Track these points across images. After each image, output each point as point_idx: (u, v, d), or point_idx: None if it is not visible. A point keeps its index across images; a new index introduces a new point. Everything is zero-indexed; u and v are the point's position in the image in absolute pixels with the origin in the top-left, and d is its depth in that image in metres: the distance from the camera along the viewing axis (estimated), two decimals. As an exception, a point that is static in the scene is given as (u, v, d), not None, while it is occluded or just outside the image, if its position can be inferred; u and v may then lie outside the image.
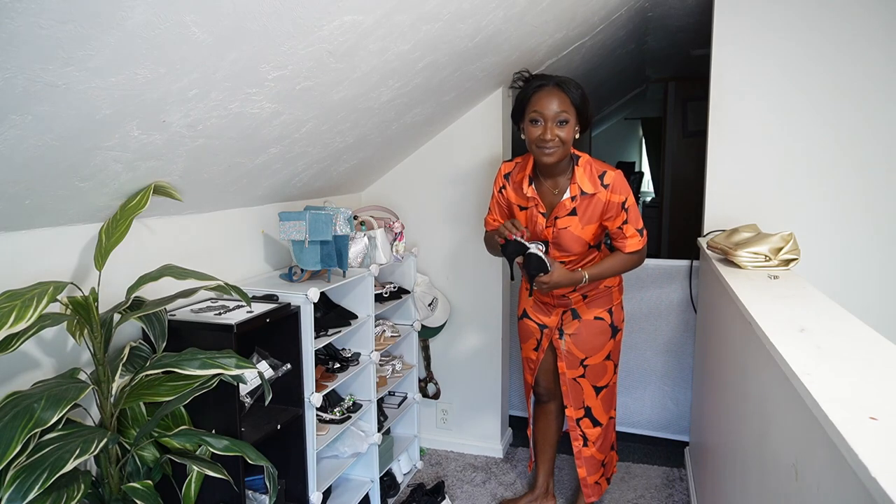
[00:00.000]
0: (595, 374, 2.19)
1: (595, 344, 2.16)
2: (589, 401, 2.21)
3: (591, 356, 2.17)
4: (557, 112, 1.88)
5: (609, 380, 2.22)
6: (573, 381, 2.20)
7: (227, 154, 1.64)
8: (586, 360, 2.17)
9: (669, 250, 5.91)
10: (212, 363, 1.35)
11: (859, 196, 2.44)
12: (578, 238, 2.02)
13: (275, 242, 2.29)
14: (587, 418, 2.22)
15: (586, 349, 2.17)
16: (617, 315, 2.18)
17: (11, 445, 1.06)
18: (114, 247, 1.42)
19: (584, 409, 2.22)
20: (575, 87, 1.92)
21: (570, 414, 2.23)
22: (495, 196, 2.16)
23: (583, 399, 2.21)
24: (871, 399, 0.87)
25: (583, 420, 2.22)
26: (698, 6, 2.94)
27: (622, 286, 2.24)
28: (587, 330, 2.16)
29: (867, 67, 2.36)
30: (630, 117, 8.50)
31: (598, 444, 2.25)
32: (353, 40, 1.48)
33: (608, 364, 2.20)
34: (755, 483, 1.31)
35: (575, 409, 2.22)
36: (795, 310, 1.41)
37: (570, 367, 2.19)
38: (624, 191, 1.97)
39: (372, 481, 2.39)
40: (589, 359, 2.17)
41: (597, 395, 2.20)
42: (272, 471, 1.46)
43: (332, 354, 2.25)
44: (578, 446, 2.25)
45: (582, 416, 2.22)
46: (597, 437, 2.23)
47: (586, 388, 2.20)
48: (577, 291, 2.13)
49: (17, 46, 0.90)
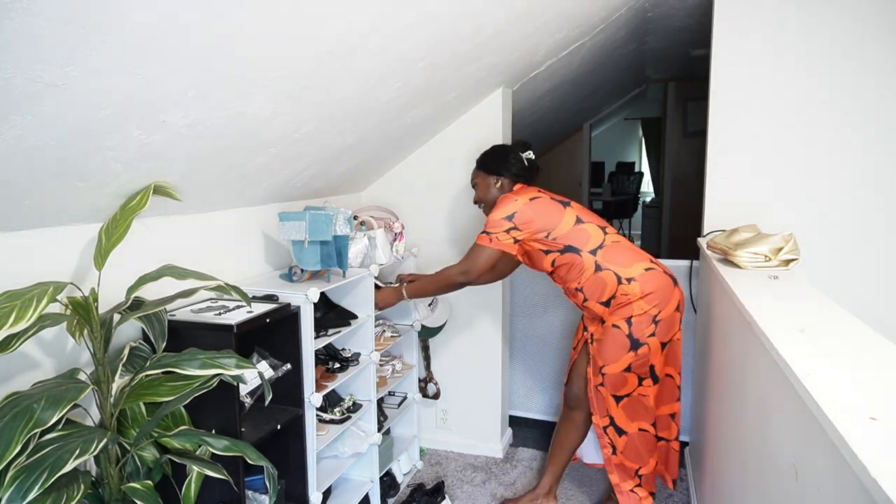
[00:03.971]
0: (613, 383, 2.16)
1: (611, 353, 2.13)
2: (611, 410, 2.19)
3: (608, 365, 2.14)
4: (471, 182, 2.40)
5: (631, 391, 2.17)
6: (596, 388, 2.20)
7: (227, 154, 1.64)
8: (604, 369, 2.16)
9: (669, 250, 5.91)
10: (212, 363, 1.35)
11: (859, 196, 2.44)
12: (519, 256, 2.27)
13: (275, 242, 2.29)
14: (612, 427, 2.21)
15: (605, 357, 2.15)
16: (638, 327, 2.09)
17: (11, 445, 1.06)
18: (114, 247, 1.42)
19: (609, 418, 2.21)
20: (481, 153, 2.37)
21: (596, 422, 2.24)
22: None
23: (606, 407, 2.20)
24: (870, 399, 0.87)
25: (609, 428, 2.21)
26: (698, 6, 2.94)
27: (651, 297, 2.09)
28: (605, 336, 2.15)
29: (867, 67, 2.36)
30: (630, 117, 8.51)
31: (628, 452, 2.22)
32: (353, 40, 1.49)
33: (628, 376, 2.14)
34: (755, 483, 1.31)
35: (600, 416, 2.22)
36: (795, 310, 1.40)
37: (594, 374, 2.19)
38: (495, 207, 2.21)
39: (372, 481, 2.39)
40: (606, 367, 2.15)
41: (617, 403, 2.18)
42: (272, 471, 1.46)
43: (332, 354, 2.25)
44: (608, 454, 2.24)
45: (608, 423, 2.21)
46: (624, 446, 2.21)
47: (607, 396, 2.18)
48: (591, 300, 2.16)
49: (17, 46, 0.90)
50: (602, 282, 2.13)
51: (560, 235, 2.14)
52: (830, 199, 2.47)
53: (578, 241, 2.14)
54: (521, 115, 3.52)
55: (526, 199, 2.16)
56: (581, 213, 2.19)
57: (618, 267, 2.11)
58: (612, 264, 2.12)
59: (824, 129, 2.44)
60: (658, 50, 4.11)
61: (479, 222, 2.75)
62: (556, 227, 2.14)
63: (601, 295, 2.14)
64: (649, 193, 8.84)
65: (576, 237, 2.14)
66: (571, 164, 6.43)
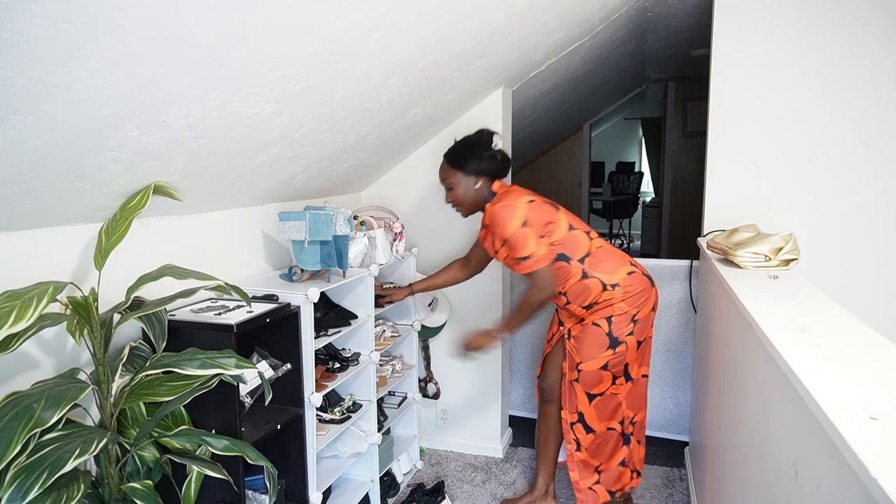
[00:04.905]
0: (589, 381, 2.16)
1: (589, 350, 2.14)
2: (582, 406, 2.20)
3: (585, 362, 2.15)
4: (442, 181, 2.25)
5: (604, 389, 2.17)
6: (570, 383, 2.21)
7: (227, 154, 1.64)
8: (581, 365, 2.16)
9: (669, 250, 5.91)
10: (212, 363, 1.35)
11: (859, 196, 2.44)
12: (503, 259, 2.20)
13: (275, 242, 2.29)
14: (580, 424, 2.21)
15: (582, 354, 2.16)
16: (618, 326, 2.11)
17: (11, 445, 1.06)
18: (113, 247, 1.42)
19: (578, 415, 2.21)
20: (451, 151, 2.21)
21: (564, 416, 2.24)
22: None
23: (577, 404, 2.20)
24: (871, 399, 0.87)
25: (576, 425, 2.22)
26: (698, 6, 2.94)
27: (631, 300, 2.10)
28: (584, 334, 2.16)
29: (867, 67, 2.36)
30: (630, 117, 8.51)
31: (593, 449, 2.23)
32: (353, 40, 1.49)
33: (604, 374, 2.15)
34: (755, 483, 1.31)
35: (570, 412, 2.22)
36: (795, 310, 1.41)
37: (569, 369, 2.20)
38: (500, 224, 2.08)
39: (372, 481, 2.39)
40: (583, 364, 2.16)
41: (590, 402, 2.18)
42: (272, 471, 1.46)
43: (332, 354, 2.25)
44: (571, 450, 2.24)
45: (576, 420, 2.21)
46: (590, 444, 2.22)
47: (580, 393, 2.18)
48: (573, 304, 2.15)
49: (17, 46, 0.90)
50: (587, 289, 2.12)
51: (556, 242, 2.11)
52: (830, 199, 2.47)
53: (569, 250, 2.11)
54: (521, 115, 3.52)
55: (523, 202, 2.08)
56: (570, 219, 2.17)
57: (603, 274, 2.11)
58: (598, 272, 2.11)
59: (824, 128, 2.44)
60: (658, 50, 4.11)
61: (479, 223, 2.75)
62: (553, 234, 2.11)
63: (584, 300, 2.14)
64: (649, 193, 8.84)
65: (568, 245, 2.11)
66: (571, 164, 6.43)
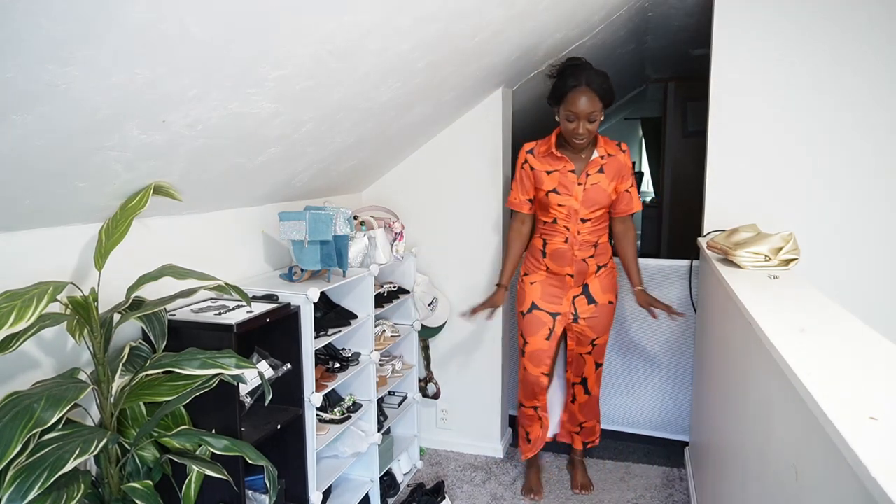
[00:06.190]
0: (600, 352, 2.50)
1: (606, 324, 2.46)
2: (587, 372, 2.53)
3: (601, 335, 2.46)
4: (588, 112, 2.16)
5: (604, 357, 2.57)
6: (579, 355, 2.50)
7: (227, 154, 1.64)
8: (596, 340, 2.45)
9: (669, 250, 5.90)
10: (212, 363, 1.35)
11: (859, 196, 2.44)
12: (604, 192, 2.30)
13: (275, 242, 2.29)
14: (581, 385, 2.56)
15: (599, 331, 2.44)
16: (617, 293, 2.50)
17: (11, 445, 1.06)
18: (114, 247, 1.42)
19: (582, 379, 2.55)
20: (601, 83, 2.16)
21: (568, 377, 2.59)
22: (518, 174, 2.39)
23: (583, 371, 2.53)
24: (871, 399, 0.87)
25: (577, 386, 2.57)
26: (698, 6, 2.94)
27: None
28: (602, 312, 2.42)
29: (867, 67, 2.36)
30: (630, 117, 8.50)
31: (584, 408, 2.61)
32: (353, 40, 1.48)
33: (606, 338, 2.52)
34: (755, 483, 1.31)
35: (574, 376, 2.57)
36: (795, 310, 1.41)
37: (579, 345, 2.48)
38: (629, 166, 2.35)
39: (372, 481, 2.39)
40: (599, 339, 2.46)
41: (595, 369, 2.53)
42: (272, 471, 1.46)
43: (332, 354, 2.25)
44: (567, 401, 2.65)
45: (578, 381, 2.56)
46: (585, 402, 2.60)
47: (589, 362, 2.50)
48: (595, 258, 2.36)
49: (17, 46, 0.90)
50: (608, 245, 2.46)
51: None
52: (830, 199, 2.47)
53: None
54: (521, 115, 3.52)
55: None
56: None
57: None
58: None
59: (824, 128, 2.44)
60: (658, 50, 4.11)
61: (479, 222, 2.76)
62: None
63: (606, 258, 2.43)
64: (649, 193, 8.83)
65: None
66: (571, 164, 6.40)
